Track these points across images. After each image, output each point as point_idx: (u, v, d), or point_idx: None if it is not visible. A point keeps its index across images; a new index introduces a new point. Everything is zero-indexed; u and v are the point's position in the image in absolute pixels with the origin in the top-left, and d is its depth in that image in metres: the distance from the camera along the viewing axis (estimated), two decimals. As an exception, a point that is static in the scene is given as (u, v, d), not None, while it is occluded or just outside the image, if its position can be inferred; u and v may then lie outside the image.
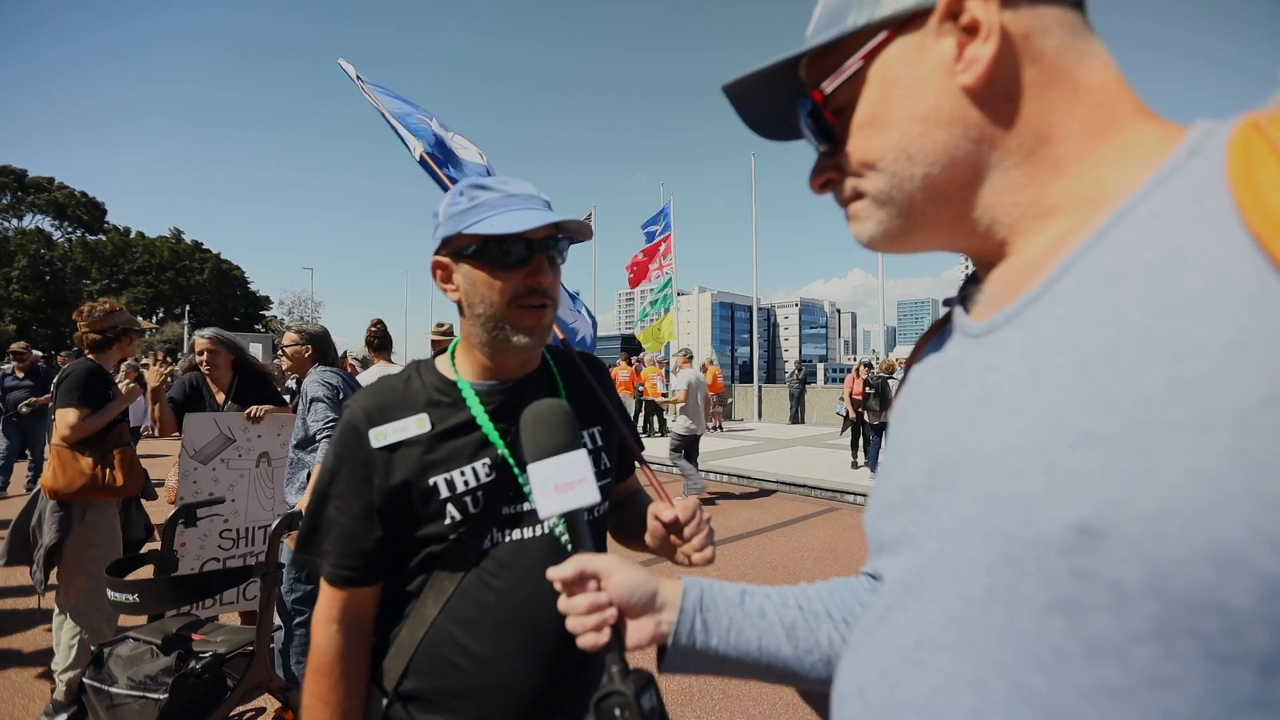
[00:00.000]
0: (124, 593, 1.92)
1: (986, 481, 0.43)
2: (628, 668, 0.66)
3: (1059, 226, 0.46)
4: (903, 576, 0.50)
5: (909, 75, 0.48)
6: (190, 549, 3.30)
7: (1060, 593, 0.37)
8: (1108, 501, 0.35)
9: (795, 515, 7.29)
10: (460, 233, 0.96)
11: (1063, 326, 0.42)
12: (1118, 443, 0.36)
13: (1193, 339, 0.35)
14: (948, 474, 0.47)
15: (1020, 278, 0.48)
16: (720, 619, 0.68)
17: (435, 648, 0.96)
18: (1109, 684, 0.35)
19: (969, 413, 0.47)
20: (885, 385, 8.79)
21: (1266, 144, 0.35)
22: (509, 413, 1.02)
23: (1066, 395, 0.39)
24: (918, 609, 0.47)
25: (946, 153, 0.48)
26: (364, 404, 1.01)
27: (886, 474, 0.57)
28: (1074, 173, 0.46)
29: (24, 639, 3.86)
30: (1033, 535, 0.38)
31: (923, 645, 0.45)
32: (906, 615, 0.48)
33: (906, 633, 0.47)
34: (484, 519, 0.97)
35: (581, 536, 0.75)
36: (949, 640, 0.43)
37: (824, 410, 16.81)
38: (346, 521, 0.97)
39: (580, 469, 0.75)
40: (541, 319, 0.99)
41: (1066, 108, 0.45)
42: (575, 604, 0.68)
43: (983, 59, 0.45)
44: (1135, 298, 0.38)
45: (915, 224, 0.51)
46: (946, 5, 0.46)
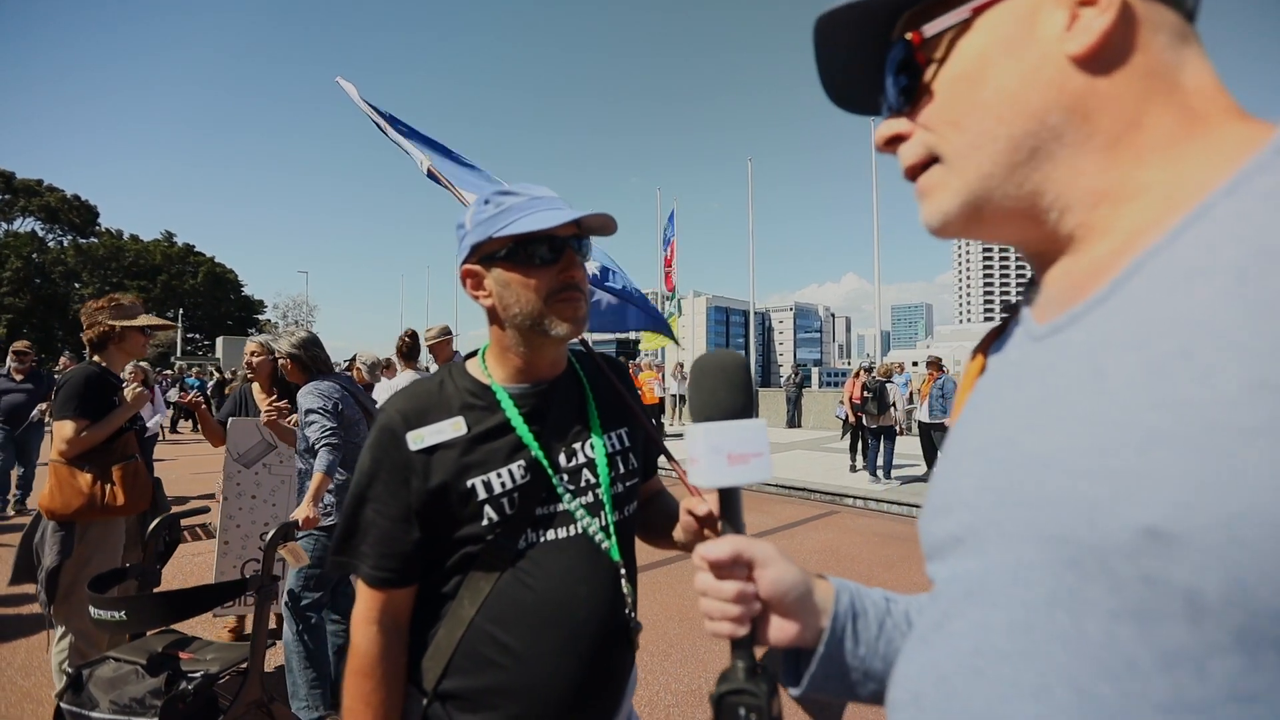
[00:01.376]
0: (109, 610, 1.82)
1: (1048, 484, 0.41)
2: (756, 666, 0.61)
3: (1129, 224, 0.45)
4: (959, 582, 0.48)
5: (1015, 35, 0.47)
6: (233, 548, 3.38)
7: (1129, 599, 0.36)
8: (1180, 504, 0.34)
9: (794, 519, 7.27)
10: (490, 237, 0.99)
11: (1132, 327, 0.41)
12: (1192, 444, 0.34)
13: (1277, 340, 0.33)
14: (1005, 477, 0.46)
15: (1086, 278, 0.47)
16: (870, 626, 0.64)
17: (473, 647, 0.97)
18: (1185, 697, 0.34)
19: (1029, 415, 0.46)
20: (883, 389, 8.78)
21: None
22: (540, 415, 1.06)
23: (1135, 396, 0.38)
24: (977, 615, 0.45)
25: (1036, 118, 0.46)
26: (400, 408, 1.03)
27: (941, 477, 0.55)
28: (1155, 165, 0.44)
29: (29, 645, 3.79)
30: (1097, 539, 0.37)
31: (982, 652, 0.44)
32: (965, 621, 0.46)
33: (965, 639, 0.46)
34: (519, 520, 1.00)
35: (738, 517, 0.67)
36: (1011, 647, 0.42)
37: (820, 414, 16.79)
38: (385, 524, 0.99)
39: (760, 440, 0.65)
40: (578, 310, 1.03)
41: (1162, 100, 0.44)
42: (722, 589, 0.62)
43: (1096, 29, 0.43)
44: (1214, 297, 0.37)
45: (992, 196, 0.49)
46: None
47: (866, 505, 7.90)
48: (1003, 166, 0.47)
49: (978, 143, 0.48)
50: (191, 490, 8.58)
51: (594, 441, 1.10)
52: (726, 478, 0.64)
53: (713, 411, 0.67)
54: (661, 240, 15.46)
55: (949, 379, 8.96)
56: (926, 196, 0.52)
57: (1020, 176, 0.47)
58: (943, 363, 9.15)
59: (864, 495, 8.01)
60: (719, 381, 0.68)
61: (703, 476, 0.65)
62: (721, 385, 0.68)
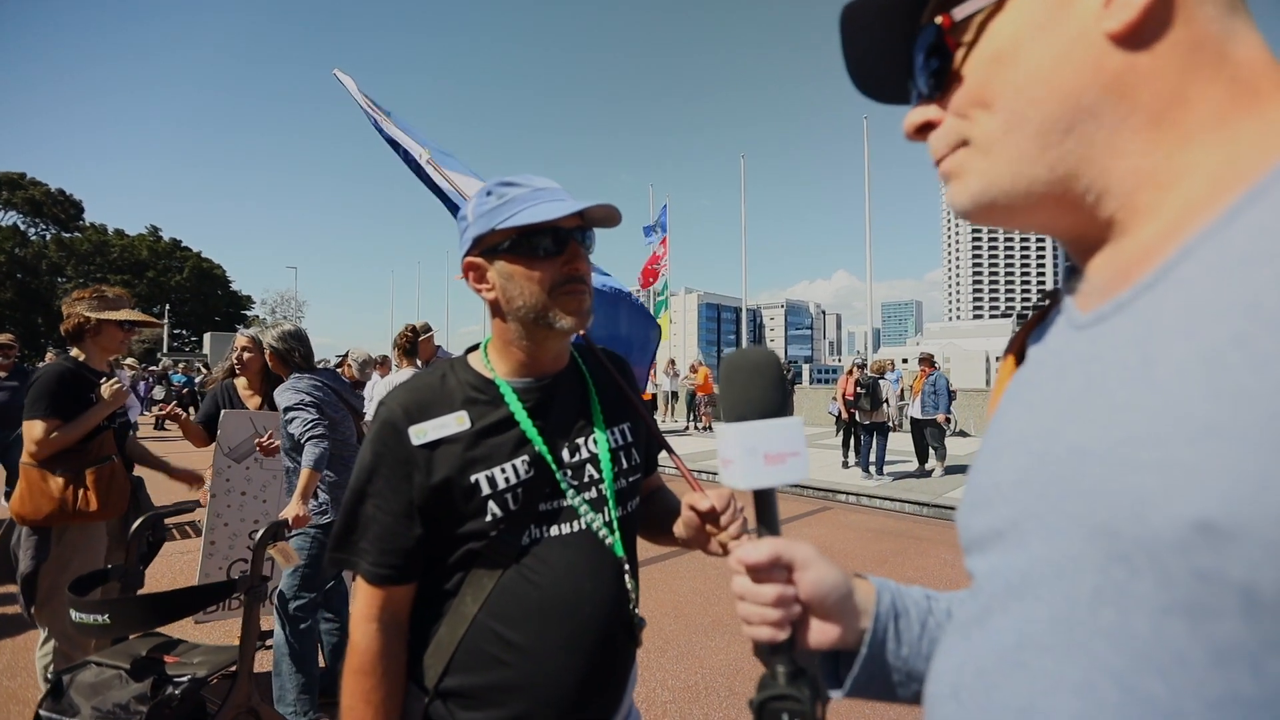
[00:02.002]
0: (92, 614, 1.74)
1: (1092, 477, 0.40)
2: (798, 669, 0.59)
3: (1178, 205, 0.42)
4: (1000, 576, 0.47)
5: (1050, 13, 0.45)
6: (219, 548, 3.27)
7: (1180, 595, 0.35)
8: (1236, 497, 0.32)
9: (788, 515, 7.26)
10: (494, 229, 0.98)
11: (1183, 314, 0.39)
12: (1248, 435, 0.33)
13: None
14: (1046, 469, 0.44)
15: (1132, 263, 0.44)
16: (912, 626, 0.62)
17: (476, 644, 0.96)
18: (1240, 694, 0.33)
19: (1071, 406, 0.45)
20: (876, 386, 8.80)
21: None
22: (544, 410, 1.05)
23: (1186, 386, 0.37)
24: (1019, 609, 0.44)
25: (1071, 96, 0.44)
26: (402, 401, 1.01)
27: (979, 470, 0.54)
28: (1205, 145, 0.42)
29: (14, 645, 3.72)
30: (1146, 533, 0.36)
31: (1025, 647, 0.43)
32: (1007, 616, 0.45)
33: (1008, 634, 0.45)
34: (523, 515, 0.98)
35: (774, 519, 0.65)
36: (1054, 642, 0.41)
37: (812, 411, 16.82)
38: (386, 519, 0.97)
39: (798, 439, 0.62)
40: (583, 303, 1.01)
41: (1210, 76, 0.42)
42: (761, 593, 0.60)
43: (1135, 5, 0.41)
44: (1271, 283, 0.35)
45: (1023, 181, 0.47)
46: None
47: (859, 501, 7.92)
48: (1035, 150, 0.46)
49: (1009, 125, 0.46)
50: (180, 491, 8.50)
51: (597, 436, 1.09)
52: (764, 478, 0.61)
53: (746, 410, 0.63)
54: (644, 234, 15.35)
55: (940, 375, 8.98)
56: (954, 178, 0.50)
57: (1053, 159, 0.45)
58: (934, 359, 9.18)
59: (856, 491, 8.03)
60: (752, 379, 0.64)
61: (739, 478, 0.62)
62: (755, 383, 0.64)
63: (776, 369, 0.66)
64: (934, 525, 6.83)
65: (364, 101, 2.94)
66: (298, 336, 3.06)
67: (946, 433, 9.10)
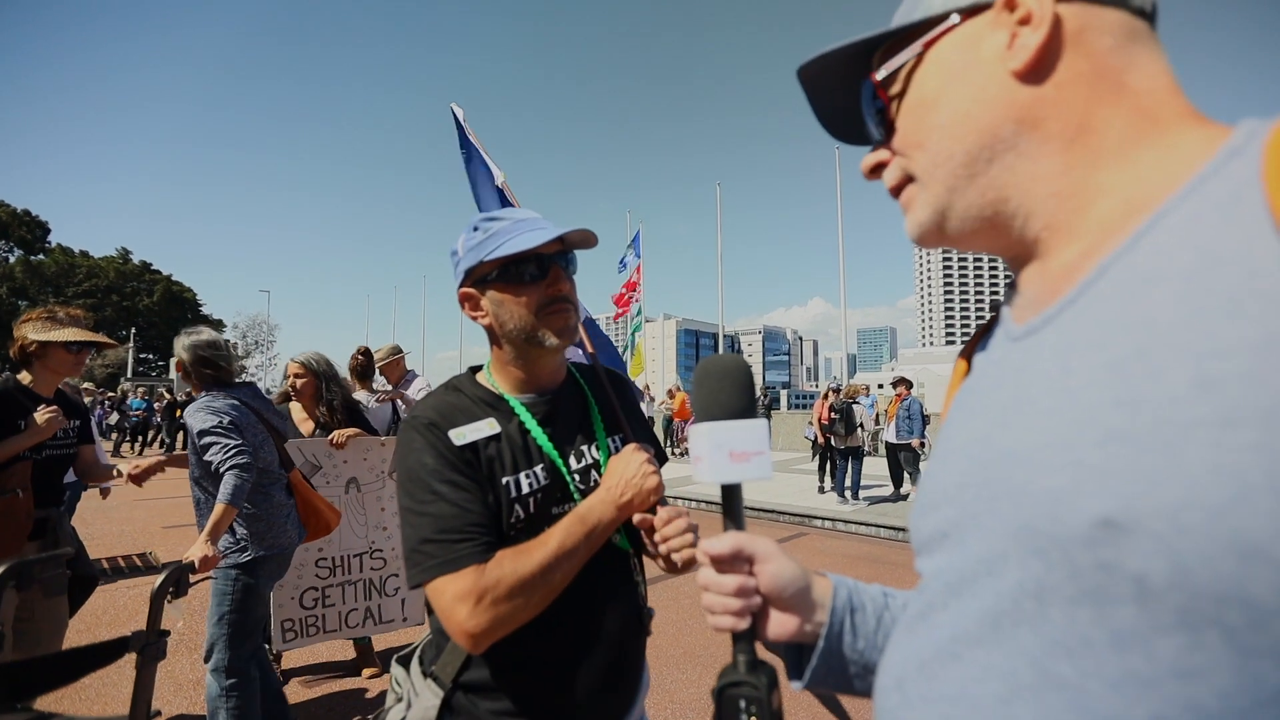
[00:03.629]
0: None
1: (1017, 479, 0.44)
2: (756, 659, 0.63)
3: (1095, 227, 0.46)
4: (942, 574, 0.50)
5: (962, 60, 0.51)
6: (289, 580, 3.18)
7: (1086, 585, 0.38)
8: (1131, 496, 0.36)
9: (764, 543, 7.17)
10: (482, 261, 1.06)
11: (1096, 328, 0.43)
12: (1143, 439, 0.36)
13: (1221, 339, 0.35)
14: (982, 473, 0.48)
15: (1058, 280, 0.49)
16: (868, 620, 0.66)
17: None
18: (1135, 673, 0.36)
19: (1004, 413, 0.48)
20: (850, 410, 8.82)
21: None
22: (550, 421, 1.13)
23: (1096, 394, 0.40)
24: (957, 605, 0.48)
25: (989, 132, 0.49)
26: (435, 408, 1.07)
27: (929, 475, 0.58)
28: (1112, 168, 0.46)
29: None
30: (1060, 530, 0.39)
31: (959, 639, 0.46)
32: (946, 612, 0.49)
33: (945, 628, 0.48)
34: (538, 519, 1.05)
35: (739, 514, 0.69)
36: (983, 633, 0.44)
37: (789, 436, 16.85)
38: (472, 502, 0.99)
39: (762, 439, 0.68)
40: (568, 320, 1.10)
41: (1111, 103, 0.46)
42: (723, 583, 0.65)
43: (1030, 46, 0.47)
44: (1167, 300, 0.39)
45: (958, 208, 0.52)
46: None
47: (834, 527, 7.87)
48: (963, 179, 0.51)
49: (938, 160, 0.52)
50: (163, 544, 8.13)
51: (599, 444, 1.17)
52: (729, 474, 0.66)
53: (716, 411, 0.69)
54: (619, 267, 15.45)
55: (915, 400, 9.04)
56: (906, 211, 0.57)
57: (982, 186, 0.50)
58: (910, 383, 9.24)
59: (832, 516, 7.99)
60: (722, 383, 0.70)
61: (706, 472, 0.67)
62: (725, 386, 0.70)
63: (745, 375, 0.71)
64: (909, 550, 6.74)
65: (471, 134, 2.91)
66: (214, 345, 2.71)
67: (921, 457, 9.12)
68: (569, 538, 0.98)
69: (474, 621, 0.91)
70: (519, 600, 0.93)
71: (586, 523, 1.00)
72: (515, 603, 0.93)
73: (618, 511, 1.02)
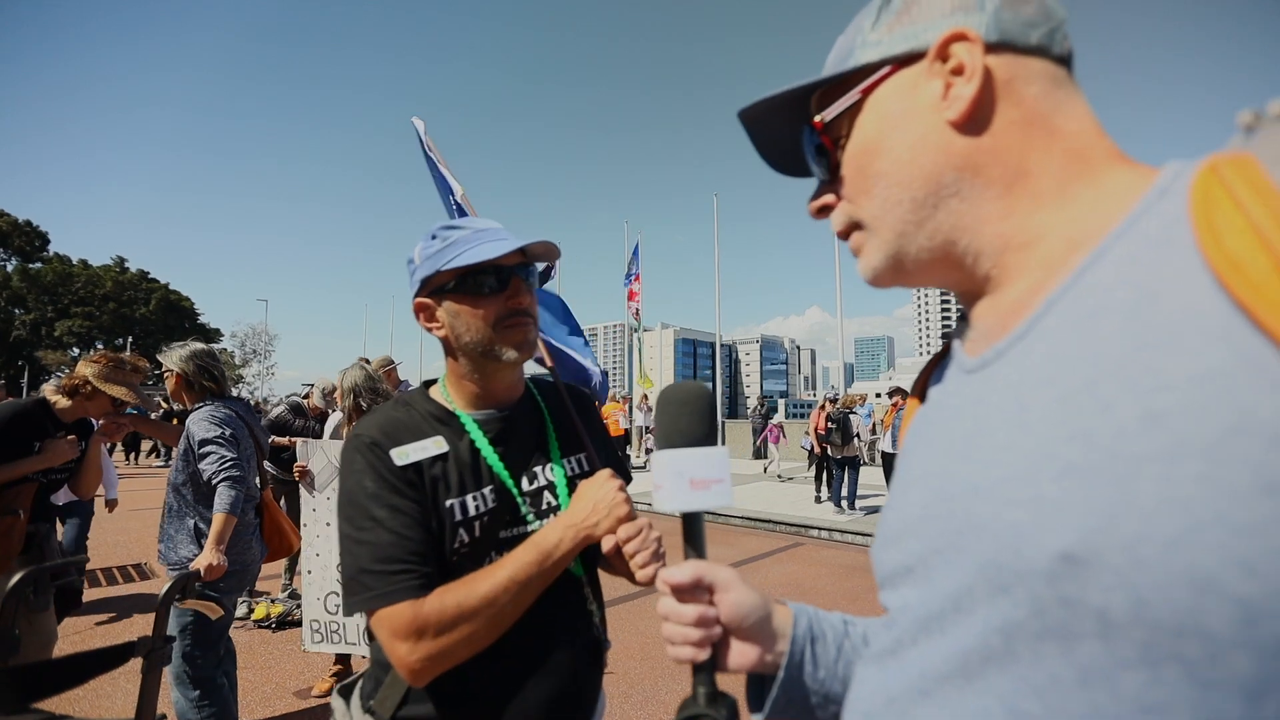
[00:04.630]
0: None
1: (980, 513, 0.44)
2: (716, 691, 0.62)
3: (1041, 264, 0.48)
4: (910, 609, 0.50)
5: (901, 109, 0.52)
6: (315, 578, 3.19)
7: (1051, 621, 0.38)
8: (1089, 530, 0.36)
9: (760, 551, 7.19)
10: (439, 271, 1.03)
11: (1047, 362, 0.44)
12: (1097, 473, 0.37)
13: (1163, 373, 0.36)
14: (945, 506, 0.48)
15: (1008, 314, 0.50)
16: (829, 650, 0.66)
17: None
18: (1101, 710, 0.36)
19: (963, 446, 0.49)
20: (846, 420, 8.84)
21: (1223, 188, 0.37)
22: (504, 439, 1.08)
23: (1050, 428, 0.41)
24: (926, 642, 0.48)
25: (932, 179, 0.51)
26: (378, 425, 1.03)
27: (890, 507, 0.58)
28: (1052, 207, 0.48)
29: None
30: (1023, 565, 0.39)
31: (928, 675, 0.46)
32: (916, 648, 0.48)
33: (914, 665, 0.48)
34: (485, 542, 1.00)
35: (701, 542, 0.68)
36: (952, 670, 0.44)
37: (786, 445, 16.83)
38: (412, 530, 0.95)
39: (722, 467, 0.67)
40: (527, 334, 1.06)
41: (1044, 147, 0.49)
42: (683, 613, 0.64)
43: (965, 97, 0.48)
44: (1111, 334, 0.40)
45: (909, 251, 0.54)
46: (937, 49, 0.50)
47: (831, 536, 7.87)
48: (912, 225, 0.52)
49: (885, 207, 0.53)
50: (116, 532, 8.11)
51: (554, 465, 1.12)
52: (689, 502, 0.66)
53: (676, 439, 0.68)
54: (626, 274, 15.61)
55: (910, 410, 9.04)
56: (858, 255, 0.58)
57: (930, 230, 0.52)
58: (906, 392, 9.28)
59: (829, 526, 7.98)
60: (683, 411, 0.70)
61: (666, 501, 0.66)
62: (685, 414, 0.69)
63: (705, 402, 0.70)
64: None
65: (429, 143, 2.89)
66: (212, 355, 2.75)
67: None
68: (521, 568, 0.93)
69: (414, 656, 0.88)
70: (462, 634, 0.89)
71: (542, 550, 0.95)
72: (457, 636, 0.89)
73: (583, 540, 0.97)
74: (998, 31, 0.49)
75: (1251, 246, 0.35)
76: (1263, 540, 0.32)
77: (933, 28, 0.51)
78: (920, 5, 0.52)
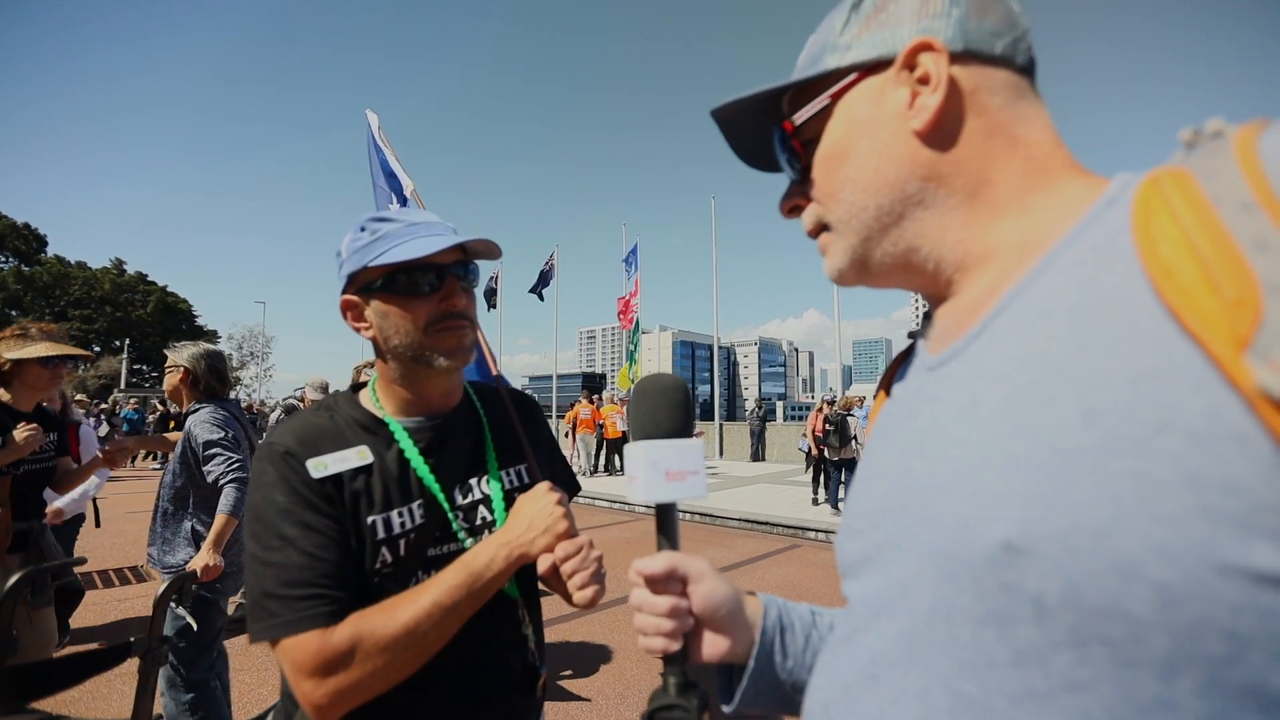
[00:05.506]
0: None
1: (932, 506, 0.46)
2: (688, 681, 0.62)
3: (997, 268, 0.50)
4: (866, 599, 0.52)
5: (868, 116, 0.54)
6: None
7: (991, 606, 0.40)
8: (1028, 520, 0.38)
9: (757, 553, 7.19)
10: (366, 266, 0.94)
11: (998, 360, 0.46)
12: (1038, 466, 0.39)
13: (1102, 372, 0.38)
14: (901, 499, 0.50)
15: (966, 315, 0.52)
16: (797, 639, 0.67)
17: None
18: (1033, 689, 0.38)
19: (920, 442, 0.51)
20: (844, 422, 8.85)
21: (1161, 198, 0.39)
22: (436, 450, 1.00)
23: (999, 424, 0.43)
24: (877, 628, 0.49)
25: (897, 187, 0.52)
26: (295, 432, 0.94)
27: (853, 500, 0.60)
28: (1011, 215, 0.50)
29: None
30: (968, 553, 0.41)
31: (878, 661, 0.48)
32: (869, 635, 0.50)
33: (865, 650, 0.50)
34: (411, 561, 0.93)
35: (674, 534, 0.68)
36: (899, 655, 0.46)
37: (785, 447, 16.85)
38: (324, 552, 0.86)
39: (697, 459, 0.67)
40: (462, 340, 0.98)
41: (1005, 157, 0.50)
42: (656, 603, 0.64)
43: (930, 107, 0.50)
44: (1057, 335, 0.42)
45: (874, 255, 0.55)
46: (904, 58, 0.51)
47: (828, 538, 7.86)
48: (876, 231, 0.54)
49: (852, 212, 0.55)
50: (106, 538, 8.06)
51: (490, 478, 1.04)
52: (663, 494, 0.65)
53: (652, 430, 0.68)
54: (626, 276, 15.59)
55: (907, 412, 9.04)
56: (824, 254, 0.60)
57: (894, 237, 0.54)
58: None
59: (826, 528, 7.99)
60: (658, 402, 0.69)
61: (641, 493, 0.66)
62: (661, 406, 0.69)
63: (681, 393, 0.70)
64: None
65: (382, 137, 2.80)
66: (220, 356, 2.74)
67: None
68: (447, 592, 0.85)
69: (319, 692, 0.79)
70: (376, 666, 0.81)
71: (472, 571, 0.87)
72: (370, 669, 0.80)
73: (518, 559, 0.90)
74: (963, 40, 0.50)
75: (1183, 255, 0.37)
76: (1181, 530, 0.34)
77: (900, 33, 0.52)
78: (888, 10, 0.53)
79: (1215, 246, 0.35)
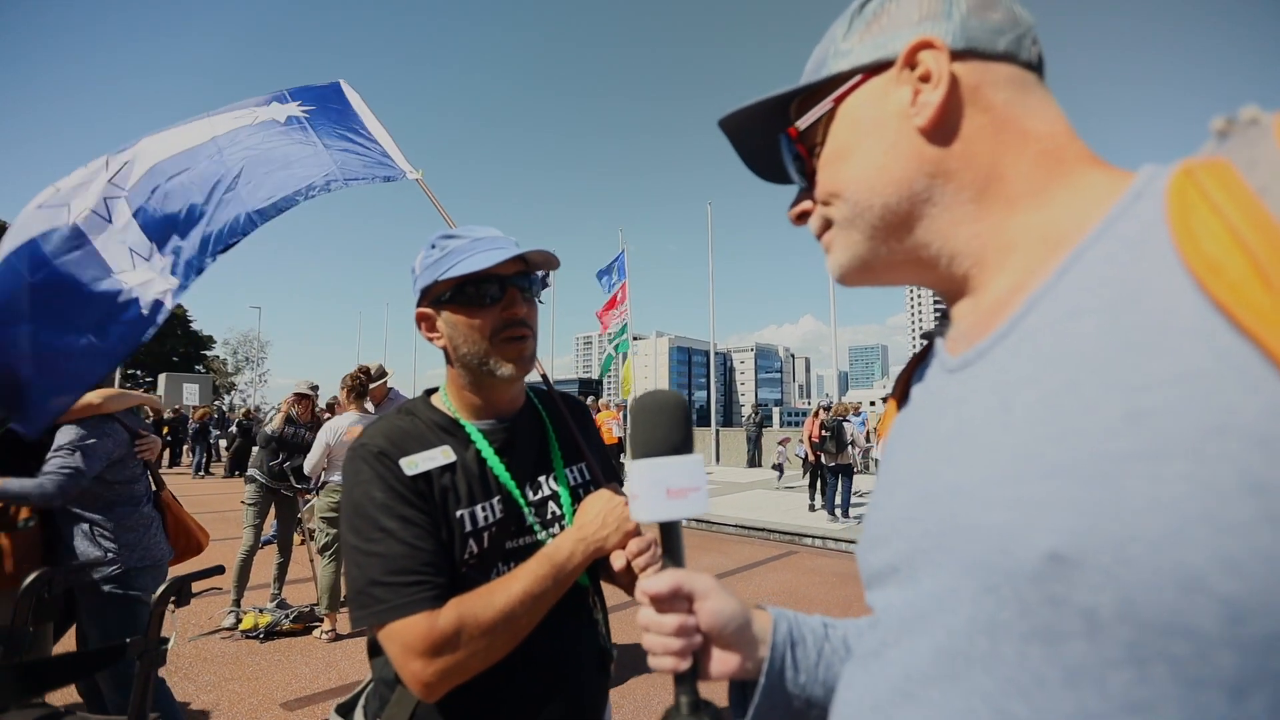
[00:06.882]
0: None
1: (966, 514, 0.44)
2: (699, 700, 0.62)
3: (1020, 264, 0.49)
4: (894, 610, 0.50)
5: (872, 116, 0.53)
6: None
7: (1037, 621, 0.38)
8: (1077, 530, 0.36)
9: (753, 559, 7.17)
10: (436, 281, 1.02)
11: (1030, 362, 0.44)
12: (1083, 473, 0.37)
13: (1145, 372, 0.36)
14: (930, 507, 0.48)
15: (990, 313, 0.50)
16: (809, 654, 0.66)
17: None
18: (1088, 710, 0.36)
19: (947, 446, 0.49)
20: (840, 428, 8.86)
21: (1199, 192, 0.38)
22: (508, 450, 1.07)
23: (1035, 428, 0.41)
24: (909, 642, 0.47)
25: (903, 184, 0.51)
26: (385, 434, 1.01)
27: (874, 507, 0.58)
28: (1028, 210, 0.49)
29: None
30: (1010, 565, 0.39)
31: (912, 678, 0.46)
32: (899, 649, 0.48)
33: (897, 666, 0.48)
34: (493, 553, 1.00)
35: (679, 551, 0.68)
36: (937, 672, 0.44)
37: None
38: (424, 540, 0.94)
39: (698, 476, 0.67)
40: (523, 350, 1.05)
41: (1016, 151, 0.49)
42: (663, 623, 0.64)
43: (932, 104, 0.49)
44: (1092, 334, 0.40)
45: (880, 252, 0.55)
46: (905, 56, 0.51)
47: (825, 545, 7.86)
48: (882, 229, 0.53)
49: (857, 210, 0.54)
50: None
51: (557, 474, 1.13)
52: (666, 512, 0.65)
53: (652, 448, 0.68)
54: (606, 285, 15.48)
55: (903, 418, 9.05)
56: (828, 252, 0.59)
57: (901, 235, 0.53)
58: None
59: (822, 534, 7.98)
60: (658, 419, 0.69)
61: (643, 511, 0.66)
62: (661, 423, 0.69)
63: (680, 410, 0.70)
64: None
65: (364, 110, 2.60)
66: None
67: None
68: (536, 581, 0.93)
69: (429, 671, 0.85)
70: (479, 647, 0.88)
71: (555, 563, 0.95)
72: (474, 650, 0.87)
73: (594, 553, 0.97)
74: (964, 39, 0.50)
75: (1229, 250, 0.35)
76: (1248, 539, 0.32)
77: (901, 36, 0.52)
78: (890, 14, 0.54)
79: (1265, 240, 0.34)
